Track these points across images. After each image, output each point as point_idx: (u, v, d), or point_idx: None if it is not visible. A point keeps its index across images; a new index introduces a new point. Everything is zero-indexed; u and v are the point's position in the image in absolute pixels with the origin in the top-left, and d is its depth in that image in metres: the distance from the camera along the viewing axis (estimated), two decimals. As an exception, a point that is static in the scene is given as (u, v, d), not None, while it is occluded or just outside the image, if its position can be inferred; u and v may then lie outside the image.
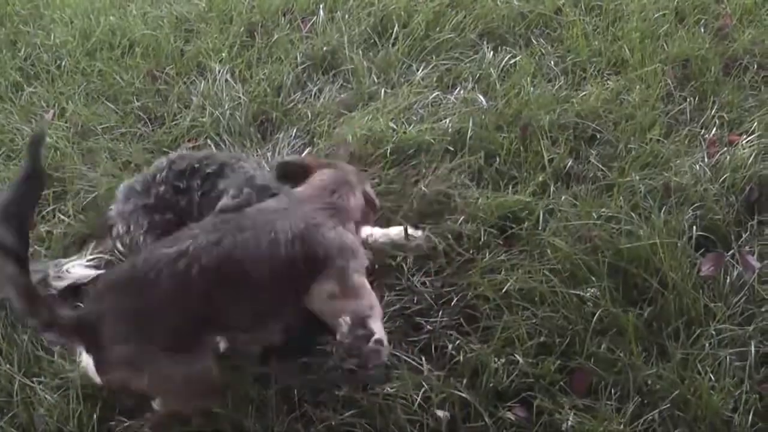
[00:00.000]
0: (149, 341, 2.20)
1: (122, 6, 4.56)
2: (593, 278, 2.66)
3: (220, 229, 2.33)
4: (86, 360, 2.31)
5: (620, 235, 2.80)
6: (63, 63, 4.09)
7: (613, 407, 2.32)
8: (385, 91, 3.64)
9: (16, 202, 2.18)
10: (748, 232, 2.87)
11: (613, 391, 2.37)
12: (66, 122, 3.68)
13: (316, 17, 4.21)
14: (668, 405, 2.30)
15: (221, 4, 4.41)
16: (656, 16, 3.99)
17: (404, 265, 2.81)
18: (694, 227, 2.83)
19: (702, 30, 3.98)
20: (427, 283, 2.78)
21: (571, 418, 2.29)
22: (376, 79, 3.76)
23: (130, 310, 2.23)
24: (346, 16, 4.21)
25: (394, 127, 3.37)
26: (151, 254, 2.31)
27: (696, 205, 2.94)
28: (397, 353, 2.52)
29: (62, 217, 3.19)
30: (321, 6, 4.29)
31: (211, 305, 2.27)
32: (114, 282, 2.38)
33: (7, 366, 2.61)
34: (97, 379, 2.31)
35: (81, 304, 2.70)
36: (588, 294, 2.60)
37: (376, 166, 3.23)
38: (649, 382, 2.38)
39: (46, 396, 2.49)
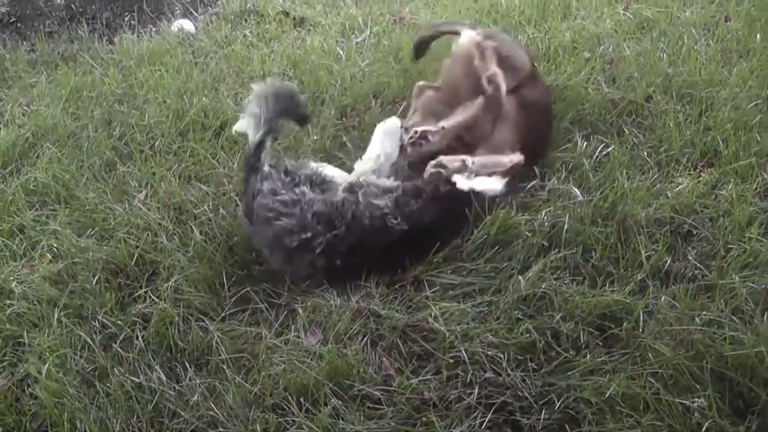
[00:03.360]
0: None
1: (214, 87, 4.67)
2: (697, 386, 2.63)
3: None
4: None
5: (723, 341, 2.76)
6: (156, 143, 4.18)
7: None
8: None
9: None
10: None
11: None
12: (158, 203, 3.75)
13: (406, 102, 4.26)
14: None
15: (312, 86, 4.50)
16: (749, 106, 3.93)
17: (503, 358, 2.81)
18: (802, 335, 2.76)
19: (797, 122, 3.93)
20: (527, 380, 2.76)
21: None
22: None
23: None
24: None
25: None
26: None
27: (802, 311, 2.87)
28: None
29: (155, 298, 3.26)
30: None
31: None
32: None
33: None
34: None
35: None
36: (695, 405, 2.55)
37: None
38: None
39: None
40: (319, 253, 3.21)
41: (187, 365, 2.97)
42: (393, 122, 3.59)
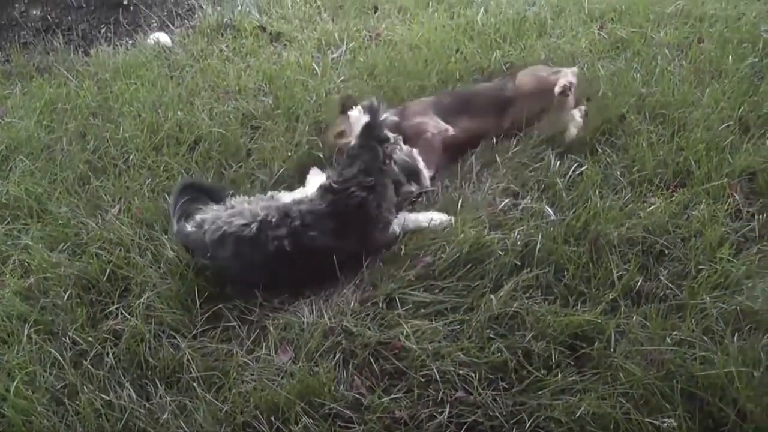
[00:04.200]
0: None
1: (189, 101, 4.66)
2: (667, 406, 2.63)
3: None
4: None
5: (694, 361, 2.77)
6: (130, 157, 4.16)
7: None
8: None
9: None
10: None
11: None
12: (131, 218, 3.72)
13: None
14: None
15: (287, 101, 4.50)
16: (721, 127, 3.96)
17: (474, 377, 2.81)
18: (772, 356, 2.78)
19: (768, 143, 3.96)
20: (498, 399, 2.76)
21: None
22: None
23: None
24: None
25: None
26: None
27: (772, 331, 2.88)
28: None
29: (126, 315, 3.23)
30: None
31: None
32: None
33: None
34: None
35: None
36: (665, 425, 2.56)
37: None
38: None
39: None
40: (287, 235, 3.29)
41: (158, 383, 2.95)
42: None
